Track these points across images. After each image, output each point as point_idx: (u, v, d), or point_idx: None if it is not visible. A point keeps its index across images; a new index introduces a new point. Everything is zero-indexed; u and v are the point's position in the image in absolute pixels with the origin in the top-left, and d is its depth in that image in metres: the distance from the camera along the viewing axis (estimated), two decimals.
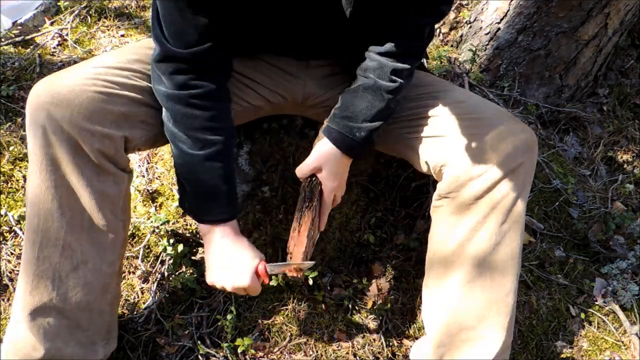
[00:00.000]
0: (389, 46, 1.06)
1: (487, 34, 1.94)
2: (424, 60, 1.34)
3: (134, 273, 1.37)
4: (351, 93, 1.08)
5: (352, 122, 1.06)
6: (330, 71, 1.20)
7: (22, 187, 1.41)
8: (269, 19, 1.04)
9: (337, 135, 1.07)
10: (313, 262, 1.10)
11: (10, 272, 1.32)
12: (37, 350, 1.03)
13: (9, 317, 1.07)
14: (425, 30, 1.09)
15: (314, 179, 1.10)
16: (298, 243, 1.09)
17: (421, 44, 1.11)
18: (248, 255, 1.07)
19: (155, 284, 1.35)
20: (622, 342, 1.45)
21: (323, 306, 1.39)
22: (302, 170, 1.10)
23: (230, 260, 1.06)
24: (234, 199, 1.09)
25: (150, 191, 1.46)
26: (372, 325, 1.38)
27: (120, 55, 1.08)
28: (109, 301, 1.11)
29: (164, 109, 1.04)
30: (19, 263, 1.08)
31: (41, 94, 0.96)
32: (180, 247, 1.34)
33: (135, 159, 1.51)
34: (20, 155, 1.46)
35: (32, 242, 1.01)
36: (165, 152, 1.51)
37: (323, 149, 1.08)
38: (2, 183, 1.41)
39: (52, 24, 1.84)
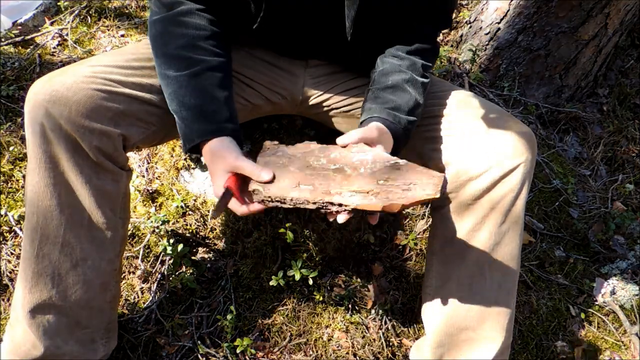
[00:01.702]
0: (415, 45, 1.09)
1: (487, 34, 1.94)
2: None
3: (134, 273, 1.37)
4: (391, 88, 1.05)
5: (399, 112, 1.02)
6: (330, 71, 1.20)
7: (22, 187, 1.41)
8: (271, 18, 1.04)
9: (391, 126, 1.00)
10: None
11: (10, 272, 1.32)
12: (37, 348, 1.03)
13: (9, 317, 1.08)
14: (437, 34, 1.15)
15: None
16: None
17: (438, 47, 1.16)
18: (220, 162, 0.96)
19: (155, 284, 1.35)
20: (622, 342, 1.45)
21: (323, 306, 1.39)
22: (351, 137, 0.95)
23: (211, 169, 0.98)
24: (222, 117, 0.98)
25: (150, 191, 1.46)
26: (372, 325, 1.38)
27: (119, 55, 1.08)
28: (108, 299, 1.11)
29: (153, 42, 1.01)
30: (19, 262, 1.08)
31: (39, 92, 0.96)
32: (180, 247, 1.34)
33: (136, 159, 1.51)
34: (20, 155, 1.46)
35: (31, 239, 1.01)
36: (165, 152, 1.51)
37: (379, 128, 0.98)
38: (2, 183, 1.41)
39: (52, 24, 1.84)
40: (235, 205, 0.97)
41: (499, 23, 1.90)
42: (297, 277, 1.34)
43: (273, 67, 1.19)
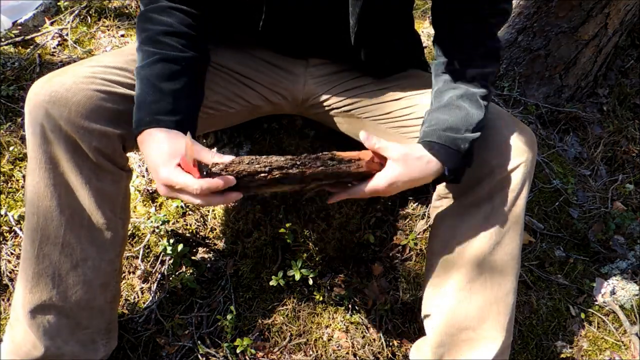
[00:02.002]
0: (468, 52, 1.02)
1: None
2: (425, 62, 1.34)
3: (134, 273, 1.37)
4: (444, 107, 0.99)
5: (455, 133, 0.95)
6: (331, 70, 1.20)
7: (22, 187, 1.41)
8: (271, 16, 1.04)
9: (440, 149, 0.94)
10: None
11: (10, 272, 1.32)
12: (37, 348, 1.03)
13: (9, 317, 1.08)
14: (496, 31, 1.06)
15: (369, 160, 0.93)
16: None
17: (499, 46, 1.06)
18: (166, 148, 0.88)
19: (155, 284, 1.36)
20: (622, 342, 1.45)
21: (323, 306, 1.39)
22: (370, 141, 0.93)
23: (148, 157, 0.90)
24: (161, 108, 0.92)
25: (150, 191, 1.46)
26: (372, 325, 1.38)
27: (119, 55, 1.08)
28: (109, 299, 1.11)
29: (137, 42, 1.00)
30: (19, 263, 1.08)
31: (39, 93, 0.96)
32: (180, 247, 1.34)
33: (136, 159, 1.51)
34: (20, 155, 1.46)
35: (31, 240, 1.01)
36: None
37: (418, 153, 0.94)
38: (2, 183, 1.41)
39: (52, 24, 1.84)
40: (192, 183, 0.82)
41: None
42: (297, 277, 1.34)
43: (273, 67, 1.19)
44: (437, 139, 0.95)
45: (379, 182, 0.94)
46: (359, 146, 0.98)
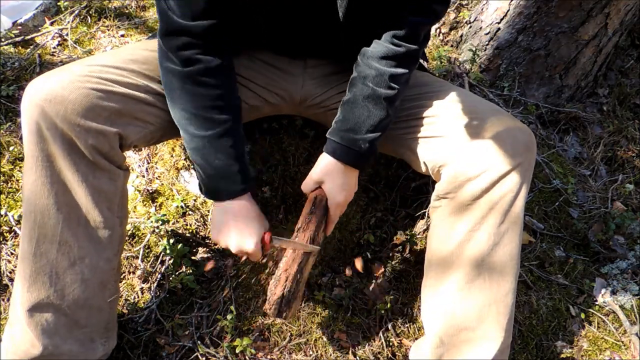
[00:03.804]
0: (386, 50, 1.05)
1: (487, 34, 1.94)
2: (422, 61, 1.34)
3: (134, 273, 1.37)
4: (350, 104, 1.07)
5: (356, 134, 1.05)
6: (328, 71, 1.20)
7: (22, 186, 1.41)
8: (267, 15, 1.04)
9: (341, 150, 1.06)
10: (318, 248, 1.10)
11: (10, 272, 1.32)
12: (35, 347, 1.03)
13: (9, 316, 1.08)
14: (421, 32, 1.08)
15: (317, 195, 1.10)
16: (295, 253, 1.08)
17: (417, 48, 1.08)
18: (257, 222, 1.09)
19: (155, 284, 1.36)
20: (622, 342, 1.45)
21: (323, 306, 1.39)
22: (307, 184, 1.11)
23: (239, 224, 1.07)
24: (246, 176, 1.08)
25: (150, 191, 1.46)
26: (372, 325, 1.38)
27: (116, 55, 1.08)
28: (107, 298, 1.11)
29: (168, 91, 1.04)
30: (17, 261, 1.08)
31: (36, 91, 0.96)
32: (180, 247, 1.34)
33: (135, 159, 1.51)
34: (20, 155, 1.46)
35: (29, 238, 1.02)
36: (165, 152, 1.51)
37: (326, 161, 1.08)
38: (2, 183, 1.41)
39: (52, 24, 1.84)
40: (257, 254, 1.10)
41: (499, 23, 1.90)
42: None
43: (272, 67, 1.19)
44: (337, 139, 1.06)
45: (330, 204, 1.09)
46: None
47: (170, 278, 1.35)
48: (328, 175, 1.08)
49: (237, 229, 1.07)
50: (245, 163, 1.09)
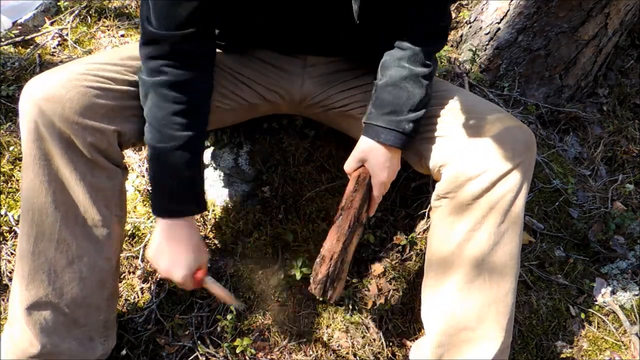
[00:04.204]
0: (416, 32, 1.06)
1: (487, 34, 1.94)
2: None
3: (134, 273, 1.37)
4: (388, 86, 1.06)
5: (398, 115, 1.04)
6: (328, 70, 1.20)
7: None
8: (267, 14, 1.04)
9: (385, 133, 1.05)
10: (244, 306, 1.18)
11: (10, 272, 1.32)
12: (34, 345, 1.03)
13: (7, 315, 1.08)
14: (448, 6, 1.09)
15: (361, 173, 1.09)
16: (336, 242, 1.04)
17: (447, 24, 1.11)
18: (192, 252, 1.06)
19: (155, 284, 1.35)
20: (622, 342, 1.45)
21: (323, 306, 1.39)
22: (349, 163, 1.10)
23: (173, 249, 1.05)
24: (192, 198, 1.06)
25: (151, 191, 1.46)
26: (372, 325, 1.38)
27: (114, 53, 1.09)
28: (106, 297, 1.11)
29: (141, 102, 1.03)
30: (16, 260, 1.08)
31: (33, 90, 0.97)
32: None
33: (135, 159, 1.51)
34: (20, 155, 1.46)
35: (27, 236, 1.02)
36: None
37: (369, 144, 1.06)
38: (2, 183, 1.41)
39: (52, 24, 1.84)
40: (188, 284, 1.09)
41: (499, 23, 1.90)
42: (298, 276, 1.34)
43: (272, 66, 1.19)
44: (380, 123, 1.05)
45: (374, 183, 1.08)
46: None
47: None
48: (371, 153, 1.06)
49: (170, 254, 1.05)
50: (195, 185, 1.07)
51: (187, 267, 1.05)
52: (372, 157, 1.06)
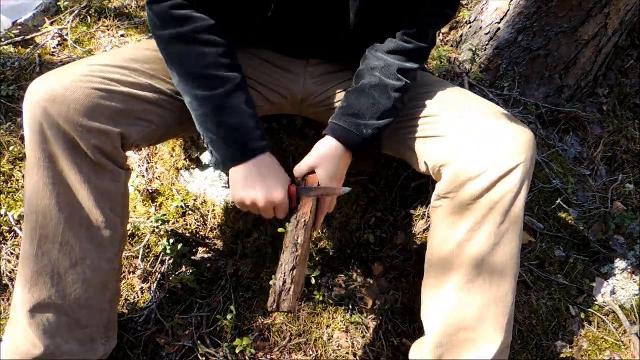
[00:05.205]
0: (395, 45, 1.07)
1: (487, 34, 1.94)
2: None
3: (134, 273, 1.37)
4: (357, 92, 1.08)
5: (359, 119, 1.06)
6: (330, 69, 1.21)
7: (22, 186, 1.41)
8: (269, 15, 1.04)
9: (343, 132, 1.06)
10: (349, 189, 1.10)
11: (10, 272, 1.32)
12: (37, 347, 1.03)
13: (9, 316, 1.08)
14: (431, 32, 1.11)
15: (307, 183, 1.09)
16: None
17: (427, 46, 1.12)
18: (282, 174, 1.07)
19: (155, 284, 1.36)
20: (622, 342, 1.45)
21: (323, 306, 1.39)
22: (300, 168, 1.09)
23: (264, 178, 1.04)
24: (264, 132, 1.06)
25: (150, 191, 1.46)
26: (372, 325, 1.38)
27: (118, 55, 1.08)
28: (108, 298, 1.11)
29: (170, 59, 1.02)
30: (19, 262, 1.08)
31: (38, 92, 0.96)
32: (180, 247, 1.34)
33: (135, 159, 1.51)
34: (20, 155, 1.46)
35: (30, 238, 1.02)
36: (165, 152, 1.51)
37: (325, 147, 1.07)
38: (2, 183, 1.41)
39: (52, 24, 1.84)
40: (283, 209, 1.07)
41: (499, 23, 1.90)
42: None
43: (274, 67, 1.19)
44: (340, 122, 1.06)
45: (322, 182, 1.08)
46: None
47: (170, 278, 1.35)
48: (325, 160, 1.07)
49: (262, 182, 1.03)
50: (259, 121, 1.06)
51: (283, 186, 1.05)
52: (323, 166, 1.07)
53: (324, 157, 1.07)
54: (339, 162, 1.08)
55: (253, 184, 1.04)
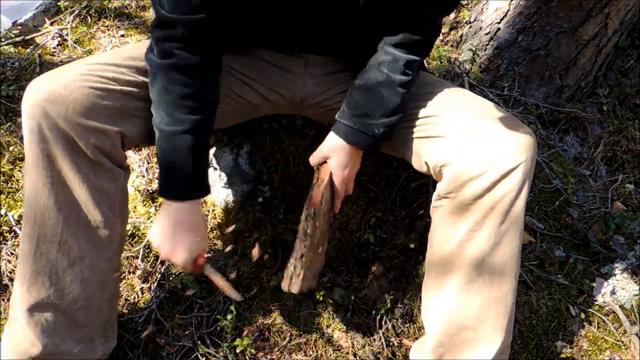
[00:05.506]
0: (401, 38, 1.07)
1: (487, 34, 1.94)
2: (424, 61, 1.34)
3: (134, 273, 1.37)
4: (363, 89, 1.08)
5: (370, 119, 1.06)
6: (329, 70, 1.20)
7: (22, 186, 1.41)
8: (271, 10, 1.04)
9: (353, 134, 1.08)
10: (241, 298, 1.23)
11: (10, 272, 1.32)
12: (35, 346, 1.03)
13: (8, 316, 1.08)
14: (437, 20, 1.12)
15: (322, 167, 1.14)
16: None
17: (431, 36, 1.13)
18: (196, 236, 1.09)
19: (155, 284, 1.35)
20: (622, 342, 1.45)
21: (323, 306, 1.39)
22: (314, 158, 1.14)
23: (178, 232, 1.07)
24: (199, 182, 1.08)
25: (150, 191, 1.46)
26: (372, 325, 1.38)
27: (116, 53, 1.09)
28: (106, 298, 1.11)
29: (149, 80, 1.03)
30: (17, 261, 1.08)
31: (36, 91, 0.96)
32: None
33: (135, 159, 1.51)
34: (20, 155, 1.46)
35: (29, 238, 1.02)
36: None
37: (335, 142, 1.10)
38: (2, 183, 1.41)
39: (52, 24, 1.84)
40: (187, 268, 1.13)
41: (499, 23, 1.90)
42: None
43: (273, 66, 1.19)
44: (350, 123, 1.07)
45: (335, 182, 1.13)
46: None
47: (170, 278, 1.35)
48: (335, 153, 1.11)
49: (171, 236, 1.07)
50: (202, 169, 1.08)
51: (189, 250, 1.08)
52: (334, 156, 1.10)
53: (335, 149, 1.10)
54: (350, 154, 1.11)
55: (164, 234, 1.07)
